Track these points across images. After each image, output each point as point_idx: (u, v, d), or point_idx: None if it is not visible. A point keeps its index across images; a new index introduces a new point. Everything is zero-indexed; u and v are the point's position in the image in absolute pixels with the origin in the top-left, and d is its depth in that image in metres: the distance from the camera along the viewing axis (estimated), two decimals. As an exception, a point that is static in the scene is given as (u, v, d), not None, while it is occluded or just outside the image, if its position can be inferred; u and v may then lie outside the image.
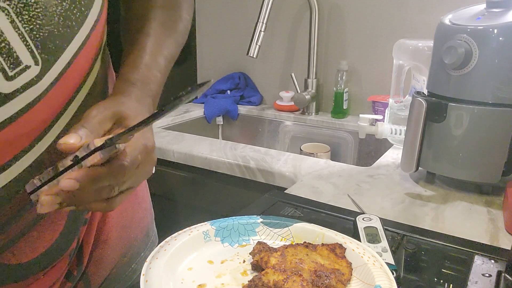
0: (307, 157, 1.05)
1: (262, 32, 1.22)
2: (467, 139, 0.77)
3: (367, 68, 1.39)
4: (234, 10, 1.59)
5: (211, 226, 0.57)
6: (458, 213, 0.74)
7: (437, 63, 0.79)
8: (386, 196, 0.80)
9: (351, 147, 1.35)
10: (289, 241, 0.57)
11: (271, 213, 0.69)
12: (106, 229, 0.64)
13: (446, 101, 0.77)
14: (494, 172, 0.77)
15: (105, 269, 0.65)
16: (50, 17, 0.40)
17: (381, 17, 1.33)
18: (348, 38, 1.40)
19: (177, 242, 0.53)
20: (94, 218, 0.62)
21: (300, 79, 1.43)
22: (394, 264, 0.52)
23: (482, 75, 0.73)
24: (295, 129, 1.46)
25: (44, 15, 0.39)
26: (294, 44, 1.50)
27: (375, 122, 1.10)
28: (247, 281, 0.47)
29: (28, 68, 0.40)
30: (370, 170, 0.93)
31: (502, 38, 0.72)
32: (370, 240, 0.58)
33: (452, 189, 0.83)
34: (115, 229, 0.65)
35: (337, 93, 1.39)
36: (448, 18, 0.79)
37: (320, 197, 0.78)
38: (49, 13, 0.40)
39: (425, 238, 0.63)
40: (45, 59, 0.41)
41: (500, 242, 0.64)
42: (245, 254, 0.55)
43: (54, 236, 0.53)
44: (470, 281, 0.52)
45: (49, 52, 0.41)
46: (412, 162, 0.80)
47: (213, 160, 1.03)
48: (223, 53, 1.66)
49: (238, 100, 1.58)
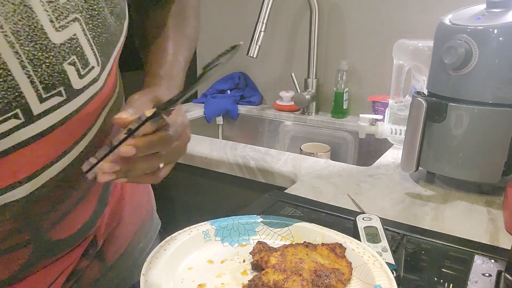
0: (307, 157, 1.05)
1: (262, 32, 1.22)
2: (467, 139, 0.77)
3: (367, 68, 1.39)
4: (234, 10, 1.60)
5: (211, 226, 0.57)
6: (458, 213, 0.74)
7: (437, 63, 0.79)
8: (386, 196, 0.80)
9: (351, 147, 1.35)
10: (289, 241, 0.57)
11: (271, 213, 0.69)
12: (120, 210, 0.70)
13: (446, 101, 0.77)
14: (494, 172, 0.77)
15: (119, 248, 0.70)
16: (107, 27, 0.50)
17: (381, 17, 1.33)
18: (348, 38, 1.40)
19: (177, 242, 0.53)
20: (112, 200, 0.68)
21: (300, 79, 1.43)
22: (394, 264, 0.52)
23: (482, 75, 0.73)
24: (295, 129, 1.46)
25: (103, 25, 0.49)
26: (294, 44, 1.50)
27: (375, 122, 1.10)
28: (247, 280, 0.47)
29: (93, 68, 0.48)
30: (370, 170, 0.93)
31: (502, 38, 0.72)
32: (370, 240, 0.58)
33: (452, 189, 0.83)
34: (128, 210, 0.71)
35: (337, 93, 1.39)
36: (448, 18, 0.79)
37: (320, 197, 0.78)
38: (106, 24, 0.49)
39: (425, 238, 0.63)
40: (103, 61, 0.50)
41: (500, 242, 0.64)
42: (245, 253, 0.55)
43: (87, 215, 0.60)
44: (470, 280, 0.52)
45: (105, 55, 0.50)
46: (412, 162, 0.80)
47: (213, 160, 1.04)
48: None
49: (238, 100, 1.58)
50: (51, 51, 0.44)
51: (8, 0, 0.40)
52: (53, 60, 0.44)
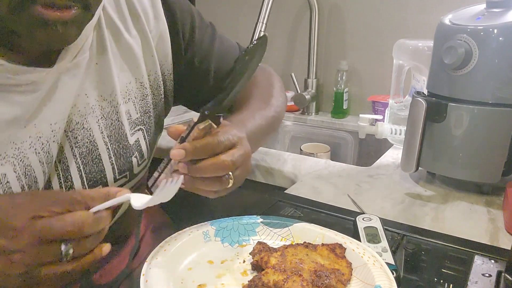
0: (307, 157, 1.05)
1: (262, 32, 1.22)
2: (467, 139, 0.77)
3: (367, 68, 1.39)
4: (234, 10, 1.59)
5: (211, 226, 0.57)
6: (458, 213, 0.74)
7: (437, 63, 0.79)
8: (386, 196, 0.80)
9: (351, 147, 1.35)
10: (289, 241, 0.57)
11: (271, 213, 0.69)
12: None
13: (446, 101, 0.77)
14: (494, 172, 0.77)
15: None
16: (154, 132, 0.70)
17: (381, 17, 1.33)
18: (348, 38, 1.40)
19: (177, 242, 0.53)
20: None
21: (300, 79, 1.43)
22: (394, 264, 0.52)
23: (482, 75, 0.73)
24: (295, 129, 1.46)
25: (152, 131, 0.70)
26: (294, 44, 1.50)
27: (375, 122, 1.10)
28: (247, 281, 0.47)
29: (145, 160, 0.69)
30: (370, 170, 0.93)
31: (502, 38, 0.72)
32: (370, 240, 0.58)
33: (452, 189, 0.83)
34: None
35: (337, 93, 1.39)
36: (448, 18, 0.79)
37: (320, 197, 0.78)
38: (153, 130, 0.70)
39: (425, 238, 0.63)
40: (150, 155, 0.70)
41: (500, 242, 0.64)
42: (245, 254, 0.55)
43: (124, 263, 0.77)
44: (470, 281, 0.52)
45: (151, 150, 0.70)
46: (412, 162, 0.80)
47: (213, 160, 1.03)
48: (223, 53, 1.66)
49: (238, 100, 1.58)
50: (127, 148, 0.64)
51: (109, 117, 0.61)
52: (127, 154, 0.64)
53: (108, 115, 0.61)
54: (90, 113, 0.59)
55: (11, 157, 0.52)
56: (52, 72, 0.53)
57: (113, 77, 0.61)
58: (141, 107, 0.66)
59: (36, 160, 0.54)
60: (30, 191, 0.53)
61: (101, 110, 0.60)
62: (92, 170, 0.60)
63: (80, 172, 0.59)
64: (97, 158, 0.60)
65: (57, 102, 0.55)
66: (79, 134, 0.58)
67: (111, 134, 0.61)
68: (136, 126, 0.66)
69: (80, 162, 0.59)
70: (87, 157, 0.59)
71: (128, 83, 0.64)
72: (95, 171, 0.60)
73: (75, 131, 0.58)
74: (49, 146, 0.55)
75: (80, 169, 0.59)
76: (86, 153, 0.59)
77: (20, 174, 0.52)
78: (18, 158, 0.52)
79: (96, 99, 0.60)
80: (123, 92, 0.63)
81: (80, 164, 0.59)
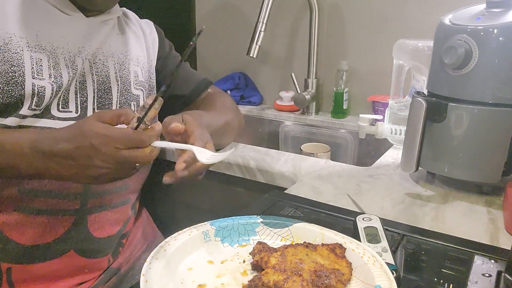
0: (307, 157, 1.05)
1: (262, 32, 1.22)
2: (467, 139, 0.77)
3: (367, 68, 1.39)
4: (234, 10, 1.59)
5: (211, 226, 0.57)
6: (458, 213, 0.74)
7: (437, 63, 0.79)
8: (386, 196, 0.80)
9: (351, 147, 1.35)
10: (289, 241, 0.57)
11: (271, 213, 0.69)
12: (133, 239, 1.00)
13: (446, 101, 0.77)
14: (494, 172, 0.77)
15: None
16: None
17: (381, 17, 1.33)
18: (348, 38, 1.40)
19: (177, 242, 0.53)
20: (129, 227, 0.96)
21: (300, 79, 1.43)
22: (394, 264, 0.52)
23: (482, 75, 0.73)
24: (295, 129, 1.46)
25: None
26: (294, 44, 1.50)
27: (375, 122, 1.10)
28: (247, 281, 0.48)
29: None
30: (370, 170, 0.93)
31: (502, 38, 0.72)
32: (370, 240, 0.58)
33: (452, 189, 0.83)
34: (138, 236, 1.02)
35: (337, 93, 1.39)
36: (448, 18, 0.79)
37: (320, 197, 0.78)
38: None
39: (425, 238, 0.63)
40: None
41: (500, 242, 0.64)
42: (245, 254, 0.55)
43: (120, 223, 0.88)
44: (470, 281, 0.52)
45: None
46: (412, 162, 0.80)
47: (213, 160, 1.03)
48: (223, 53, 1.66)
49: (238, 100, 1.58)
50: (129, 93, 0.87)
51: (121, 68, 0.84)
52: (128, 98, 0.87)
53: (121, 66, 0.84)
54: (110, 56, 0.83)
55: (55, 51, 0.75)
56: (94, 21, 0.81)
57: (129, 45, 0.87)
58: (146, 75, 0.90)
59: (64, 64, 0.75)
60: (111, 128, 0.62)
61: (118, 59, 0.84)
62: (103, 97, 0.81)
63: (94, 94, 0.79)
64: (108, 88, 0.81)
65: (91, 39, 0.79)
66: (99, 66, 0.81)
67: (122, 75, 0.84)
68: (139, 86, 0.87)
69: (96, 88, 0.80)
70: (101, 86, 0.80)
71: (140, 55, 0.89)
72: (105, 97, 0.81)
73: (97, 64, 0.80)
74: (76, 63, 0.77)
75: (94, 91, 0.79)
76: (101, 82, 0.80)
77: (51, 65, 0.73)
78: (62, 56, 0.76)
79: (114, 52, 0.84)
80: (134, 59, 0.87)
81: (95, 89, 0.80)
